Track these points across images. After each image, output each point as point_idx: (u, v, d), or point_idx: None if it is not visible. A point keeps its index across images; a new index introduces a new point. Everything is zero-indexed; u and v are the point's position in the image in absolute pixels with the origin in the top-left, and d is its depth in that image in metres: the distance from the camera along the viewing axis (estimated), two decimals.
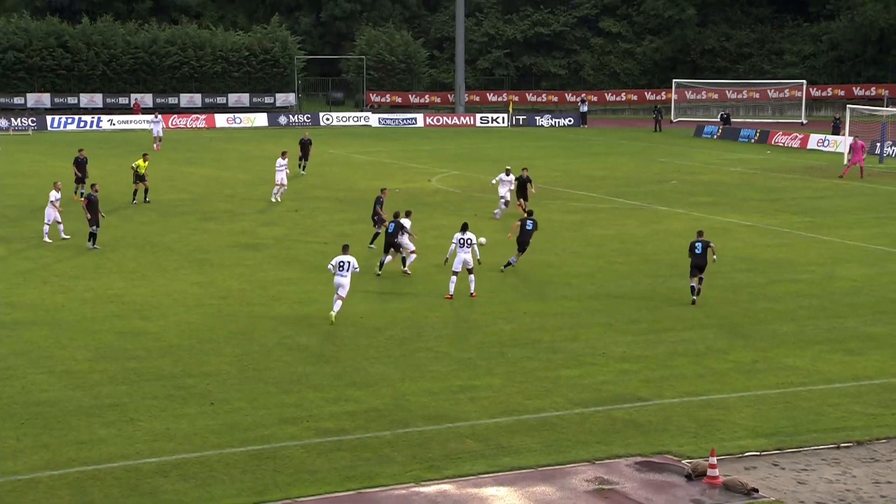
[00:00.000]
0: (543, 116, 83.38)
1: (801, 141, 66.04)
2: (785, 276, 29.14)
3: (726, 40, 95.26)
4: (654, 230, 36.04)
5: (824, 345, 22.59)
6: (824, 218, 38.75)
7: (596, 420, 18.17)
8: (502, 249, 30.61)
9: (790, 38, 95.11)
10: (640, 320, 24.64)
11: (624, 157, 58.97)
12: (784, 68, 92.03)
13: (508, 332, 23.55)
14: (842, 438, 17.27)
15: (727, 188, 46.50)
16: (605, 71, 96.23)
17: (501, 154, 60.98)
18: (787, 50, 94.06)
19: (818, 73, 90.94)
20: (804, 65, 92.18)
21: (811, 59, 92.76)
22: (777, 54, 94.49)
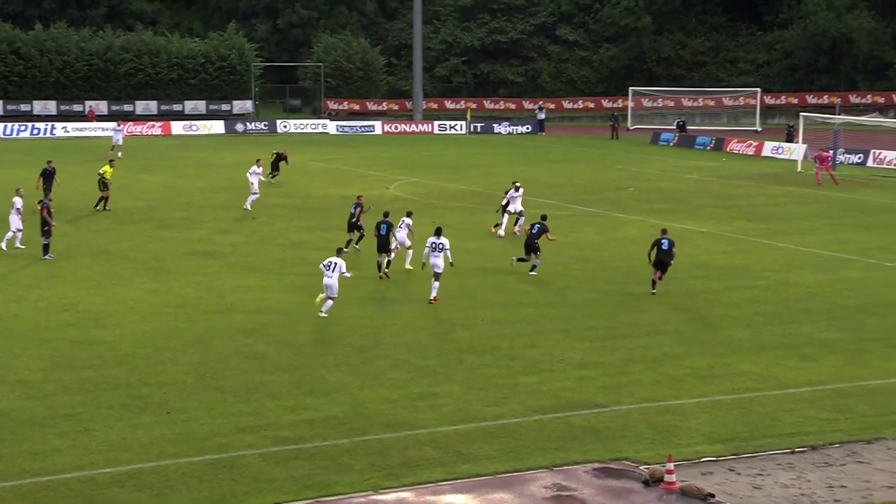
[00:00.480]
0: (501, 124, 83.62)
1: (756, 148, 66.73)
2: (740, 283, 29.42)
3: (682, 48, 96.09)
4: (612, 237, 36.27)
5: (779, 350, 22.83)
6: (779, 225, 39.17)
7: (554, 426, 18.24)
8: (470, 256, 30.63)
9: (744, 46, 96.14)
10: (597, 327, 24.77)
11: (581, 165, 59.29)
12: (739, 76, 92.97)
13: (467, 340, 23.58)
14: (796, 443, 17.45)
15: (683, 195, 46.86)
16: (563, 78, 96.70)
17: (459, 161, 61.08)
18: (742, 58, 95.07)
19: (772, 82, 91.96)
20: (758, 73, 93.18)
21: (765, 68, 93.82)
22: (732, 62, 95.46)
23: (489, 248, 34.34)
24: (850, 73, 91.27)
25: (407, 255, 30.87)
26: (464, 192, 47.06)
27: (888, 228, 38.45)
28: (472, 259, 32.70)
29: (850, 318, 25.49)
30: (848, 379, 20.82)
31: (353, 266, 30.15)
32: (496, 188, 48.84)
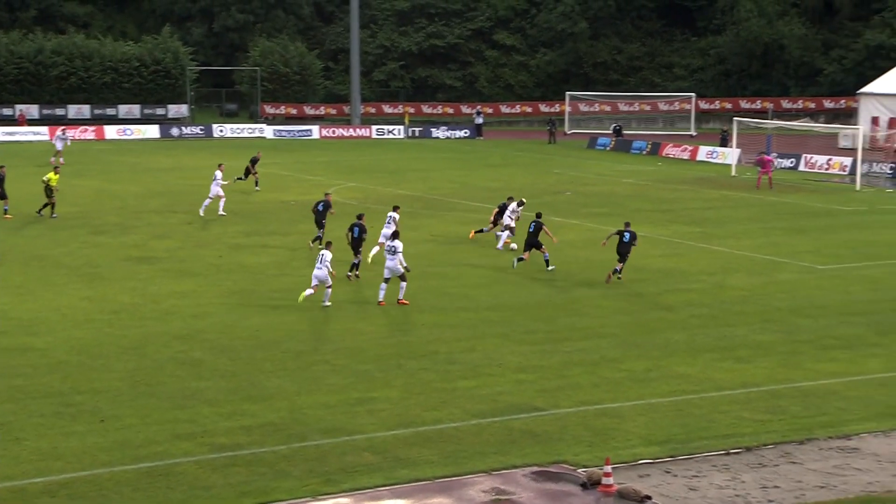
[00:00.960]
0: (439, 128, 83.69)
1: (691, 153, 67.52)
2: (677, 286, 29.73)
3: (618, 53, 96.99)
4: (549, 241, 36.40)
5: (715, 353, 23.10)
6: (714, 228, 39.65)
7: (493, 430, 18.27)
8: (409, 260, 30.57)
9: (679, 52, 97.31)
10: (535, 331, 24.88)
11: (519, 169, 59.54)
12: (674, 81, 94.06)
13: (406, 344, 23.55)
14: (731, 445, 17.67)
15: (620, 199, 47.24)
16: (500, 83, 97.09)
17: (398, 166, 61.04)
18: (677, 63, 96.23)
19: (706, 87, 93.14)
20: (693, 78, 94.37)
21: (700, 73, 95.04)
22: (667, 67, 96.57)
23: (428, 253, 34.34)
24: (782, 79, 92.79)
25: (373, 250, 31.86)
26: (402, 196, 47.00)
27: (819, 232, 39.12)
28: (411, 263, 32.64)
29: (784, 321, 25.88)
30: (781, 380, 21.13)
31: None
32: (435, 192, 48.90)
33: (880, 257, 33.92)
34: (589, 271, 31.64)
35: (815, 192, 50.72)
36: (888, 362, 22.37)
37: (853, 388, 20.65)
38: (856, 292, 28.99)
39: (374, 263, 30.76)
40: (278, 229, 38.43)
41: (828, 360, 22.59)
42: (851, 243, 36.52)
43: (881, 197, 49.54)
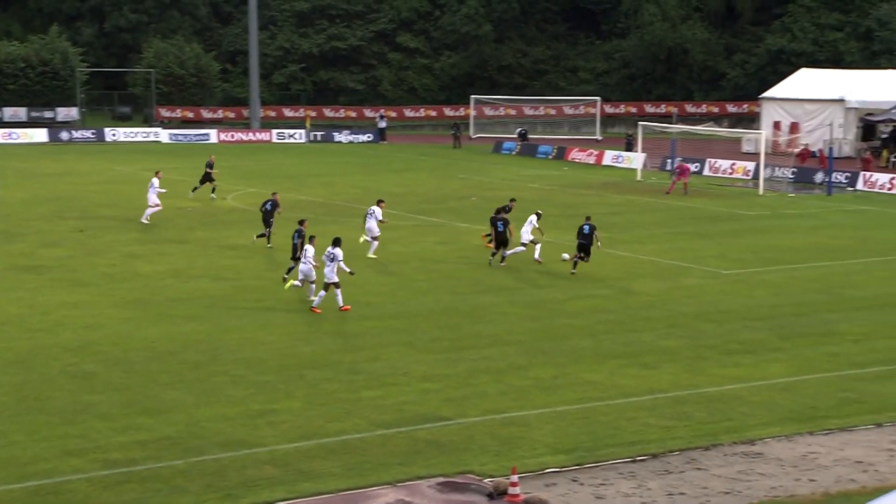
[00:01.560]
0: (342, 132, 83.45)
1: (597, 157, 68.41)
2: (583, 292, 30.08)
3: (523, 57, 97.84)
4: (455, 247, 36.59)
5: (622, 359, 23.42)
6: (620, 233, 40.21)
7: (398, 441, 18.27)
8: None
9: (584, 55, 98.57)
10: (441, 338, 24.94)
11: (424, 174, 59.67)
12: (579, 85, 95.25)
13: (308, 354, 23.41)
14: (638, 452, 17.92)
15: (526, 204, 47.56)
16: (404, 86, 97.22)
17: (299, 171, 60.68)
18: (582, 67, 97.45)
19: (611, 91, 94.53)
20: (598, 82, 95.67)
21: (604, 77, 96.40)
22: (572, 71, 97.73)
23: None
24: (686, 83, 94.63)
25: (371, 245, 34.12)
26: (304, 202, 46.76)
27: (723, 236, 39.94)
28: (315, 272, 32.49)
29: (689, 326, 26.36)
30: (687, 386, 21.51)
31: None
32: (337, 198, 48.72)
33: (782, 262, 34.77)
34: (495, 277, 31.84)
35: (719, 196, 51.78)
36: (790, 367, 22.94)
37: (757, 392, 21.12)
38: (759, 297, 29.67)
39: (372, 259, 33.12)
40: (175, 236, 37.89)
41: (732, 365, 23.07)
42: (754, 248, 37.37)
43: (783, 202, 50.80)
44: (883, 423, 19.33)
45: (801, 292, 30.28)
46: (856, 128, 68.63)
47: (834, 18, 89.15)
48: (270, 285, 29.98)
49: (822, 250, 37.04)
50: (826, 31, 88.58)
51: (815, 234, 40.46)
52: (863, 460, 17.54)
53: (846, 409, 20.16)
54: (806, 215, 45.67)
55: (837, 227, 42.53)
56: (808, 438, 18.58)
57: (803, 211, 47.02)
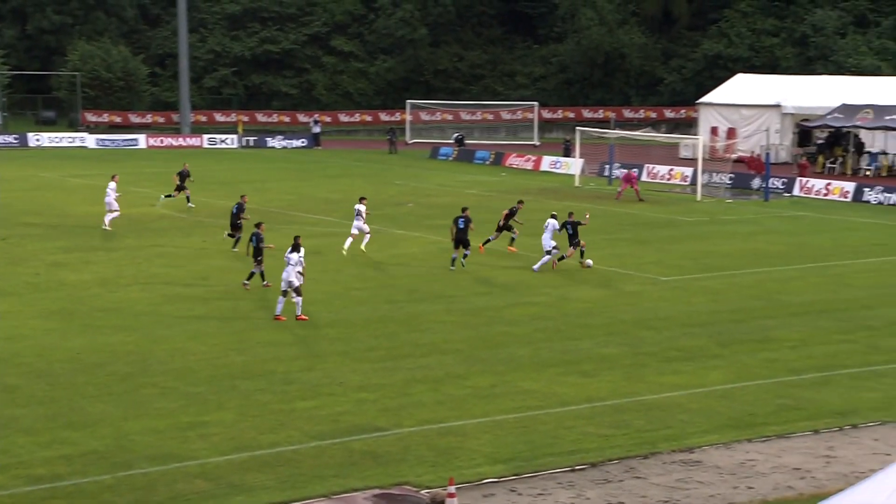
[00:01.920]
0: (275, 137, 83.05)
1: (535, 163, 68.77)
2: (522, 299, 30.19)
3: (459, 61, 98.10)
4: (391, 254, 36.56)
5: (560, 367, 23.54)
6: (558, 240, 40.39)
7: (333, 453, 18.18)
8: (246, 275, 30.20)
9: (521, 59, 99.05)
10: (377, 348, 24.88)
11: (359, 180, 59.55)
12: (516, 90, 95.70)
13: (240, 364, 23.23)
14: (576, 461, 18.02)
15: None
16: (338, 91, 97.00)
17: (231, 177, 60.27)
18: (519, 72, 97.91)
19: (549, 96, 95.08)
20: (535, 87, 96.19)
21: (542, 81, 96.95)
22: (509, 76, 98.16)
23: (268, 268, 33.97)
24: (624, 88, 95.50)
25: (364, 239, 35.90)
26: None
27: (662, 242, 40.34)
28: (245, 279, 32.29)
29: (628, 333, 26.57)
30: (626, 394, 21.67)
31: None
32: (271, 205, 48.43)
33: (720, 268, 35.20)
34: (432, 285, 31.85)
35: (658, 202, 52.29)
36: (729, 374, 23.21)
37: (696, 400, 21.34)
38: (697, 303, 30.00)
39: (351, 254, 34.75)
40: (102, 245, 37.42)
41: (671, 372, 23.28)
42: (693, 254, 37.79)
43: (721, 207, 51.43)
44: (820, 430, 19.63)
45: (739, 298, 30.68)
46: (792, 133, 69.73)
47: (770, 24, 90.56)
48: (202, 293, 29.72)
49: (759, 256, 37.56)
50: (762, 36, 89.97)
51: (753, 240, 41.02)
52: (800, 467, 17.80)
53: (784, 415, 20.45)
54: (743, 221, 46.29)
55: (774, 232, 43.15)
56: (747, 445, 18.81)
57: (741, 217, 47.65)
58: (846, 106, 63.49)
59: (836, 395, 21.67)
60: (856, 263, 36.22)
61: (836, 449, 18.60)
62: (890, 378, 22.88)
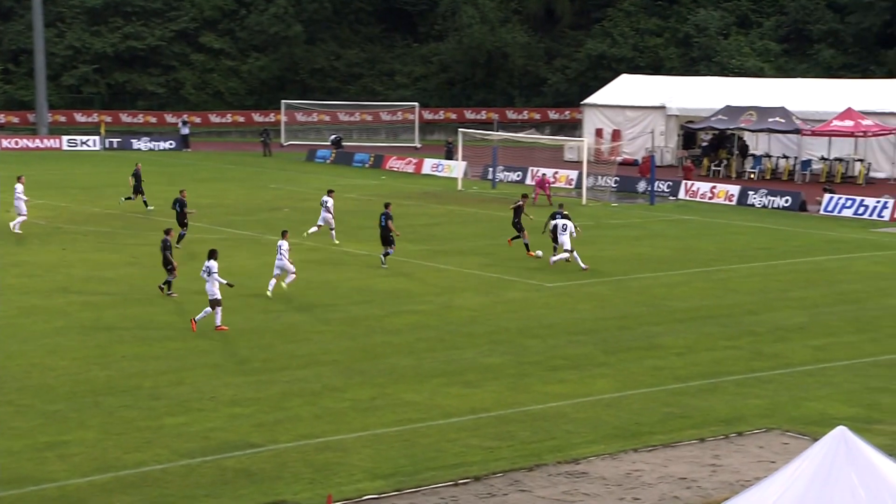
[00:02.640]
0: (141, 139, 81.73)
1: (416, 166, 68.96)
2: (403, 308, 30.23)
3: (336, 59, 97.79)
4: (266, 262, 36.17)
5: (443, 378, 23.63)
6: (441, 245, 40.63)
7: (204, 471, 17.94)
8: (106, 285, 29.55)
9: (401, 58, 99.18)
10: (251, 360, 24.64)
11: (232, 184, 58.96)
12: (396, 90, 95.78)
13: (104, 379, 22.77)
14: (460, 475, 18.10)
15: (341, 216, 47.53)
16: (208, 90, 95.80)
17: (93, 181, 59.10)
18: (399, 71, 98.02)
19: (430, 96, 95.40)
20: (416, 87, 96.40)
21: (423, 81, 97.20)
22: (389, 75, 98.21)
23: (130, 277, 33.39)
24: (507, 89, 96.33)
25: (331, 234, 39.77)
26: (99, 215, 45.54)
27: (546, 247, 40.75)
28: (110, 289, 31.70)
29: (512, 342, 26.80)
30: (510, 405, 21.86)
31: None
32: (137, 210, 47.60)
33: (606, 274, 35.77)
34: (309, 294, 31.69)
35: (543, 206, 52.88)
36: (615, 382, 23.59)
37: (581, 409, 21.64)
38: (583, 310, 30.43)
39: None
40: None
41: (556, 381, 23.57)
42: None
43: (606, 211, 52.28)
44: (706, 438, 20.08)
45: (625, 305, 31.21)
46: (677, 135, 71.18)
47: (653, 24, 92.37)
48: (62, 305, 29.05)
49: (645, 261, 38.27)
50: (646, 36, 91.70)
51: (639, 245, 41.79)
52: (686, 476, 18.18)
53: (670, 424, 20.86)
54: (629, 225, 47.11)
55: (660, 237, 44.02)
56: (633, 455, 19.13)
57: (626, 221, 48.48)
58: (730, 108, 65.13)
59: (722, 403, 22.20)
60: (741, 268, 37.19)
61: (721, 457, 19.06)
62: (774, 384, 23.54)
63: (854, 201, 51.25)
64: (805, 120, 62.94)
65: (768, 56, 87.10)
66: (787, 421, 21.03)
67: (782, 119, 62.76)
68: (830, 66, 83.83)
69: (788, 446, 19.46)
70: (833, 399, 22.52)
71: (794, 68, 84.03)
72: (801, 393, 22.91)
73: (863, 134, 60.58)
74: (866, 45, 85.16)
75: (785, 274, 36.15)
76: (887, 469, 10.92)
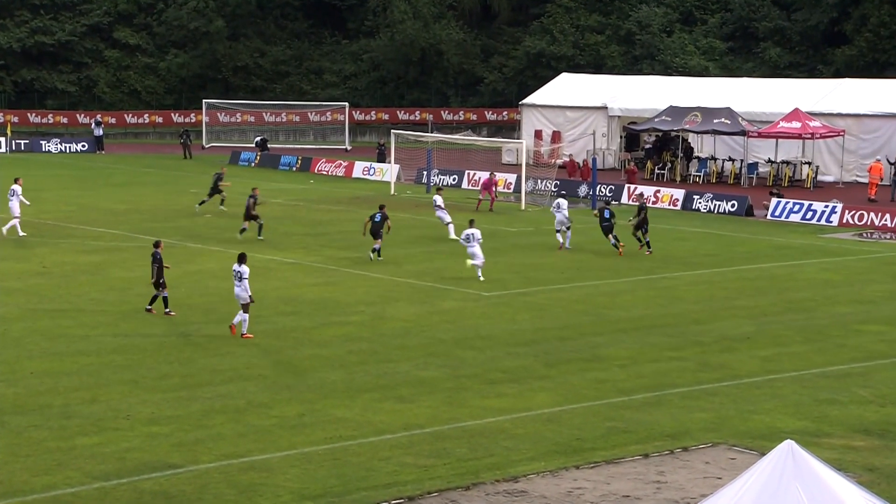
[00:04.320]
0: (51, 140, 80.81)
1: (346, 169, 68.86)
2: (333, 319, 30.17)
3: (261, 57, 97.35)
4: (187, 271, 35.99)
5: (375, 392, 23.60)
6: None
7: (119, 494, 17.78)
8: (14, 297, 29.10)
9: (330, 56, 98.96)
10: (171, 375, 24.45)
11: (150, 188, 58.49)
12: (325, 89, 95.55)
13: (10, 397, 22.47)
14: (393, 495, 18.10)
15: (268, 222, 47.37)
16: (124, 88, 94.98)
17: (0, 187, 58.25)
18: (328, 69, 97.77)
19: (361, 95, 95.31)
20: (346, 86, 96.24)
21: (353, 80, 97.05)
22: (317, 74, 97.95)
23: (39, 288, 32.97)
24: (442, 88, 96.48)
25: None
26: (4, 220, 44.93)
27: (484, 255, 40.83)
28: (17, 300, 31.29)
29: (448, 354, 26.85)
30: (446, 420, 21.89)
31: None
32: (47, 216, 47.05)
33: (546, 282, 35.95)
34: (232, 304, 31.52)
35: (480, 212, 53.03)
36: (556, 396, 23.70)
37: (521, 424, 21.73)
38: (522, 321, 30.56)
39: None
40: None
41: (494, 395, 23.64)
42: (517, 267, 38.49)
43: (546, 217, 52.47)
44: (650, 454, 20.24)
45: (566, 314, 31.40)
46: (619, 137, 71.73)
47: (594, 20, 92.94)
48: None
49: (586, 269, 38.54)
50: (586, 33, 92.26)
51: (580, 252, 42.05)
52: (630, 494, 18.32)
53: (613, 439, 21.01)
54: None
55: (602, 243, 44.29)
56: (574, 473, 19.24)
57: None
58: (674, 108, 65.69)
59: (667, 417, 22.40)
60: (686, 275, 37.57)
61: (666, 474, 19.23)
62: (720, 397, 23.80)
63: (802, 206, 52.00)
64: (751, 121, 63.73)
65: (713, 54, 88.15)
66: (733, 435, 21.27)
67: (728, 120, 63.45)
68: (777, 64, 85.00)
69: (735, 461, 19.68)
70: (781, 412, 22.83)
71: (740, 67, 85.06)
72: (749, 406, 23.19)
73: (810, 136, 61.45)
74: (813, 44, 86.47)
75: (732, 281, 36.59)
76: (835, 484, 11.09)
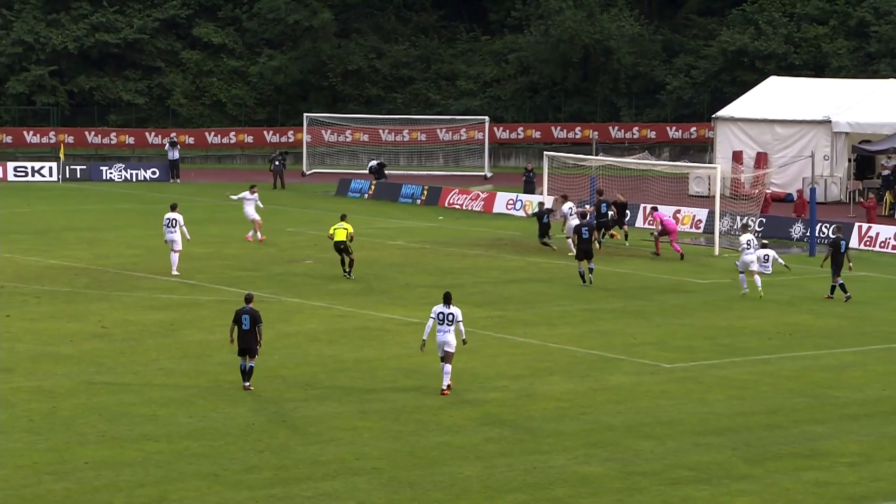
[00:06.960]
0: (113, 166, 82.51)
1: (486, 202, 68.96)
2: (467, 396, 30.16)
3: (377, 58, 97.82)
4: (282, 333, 36.37)
5: (522, 493, 23.51)
6: (518, 311, 40.48)
7: None
8: None
9: (465, 56, 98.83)
10: (261, 467, 24.72)
11: (234, 226, 59.14)
12: (459, 99, 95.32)
13: (60, 494, 22.96)
14: None
15: (384, 269, 47.73)
16: (205, 100, 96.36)
17: (49, 223, 59.90)
18: (463, 74, 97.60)
19: (505, 108, 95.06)
20: (486, 95, 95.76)
21: (495, 88, 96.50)
22: (448, 79, 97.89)
23: (96, 353, 33.66)
24: (611, 97, 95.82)
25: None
26: (56, 269, 46.05)
27: (665, 315, 40.43)
28: (69, 369, 31.95)
29: (617, 444, 26.59)
30: None
31: None
32: (106, 263, 48.03)
33: (747, 351, 35.48)
34: (339, 376, 31.77)
35: (659, 258, 52.62)
36: (762, 501, 23.34)
37: None
38: (715, 402, 30.17)
39: None
40: None
41: (679, 500, 23.38)
42: (709, 331, 38.03)
43: None
44: None
45: (774, 394, 30.92)
46: (847, 161, 70.41)
47: (814, 7, 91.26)
48: (5, 392, 29.40)
49: (803, 334, 37.92)
50: (803, 24, 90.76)
51: (794, 311, 41.41)
52: None
53: None
54: (780, 284, 46.60)
55: (823, 300, 43.60)
56: None
57: (776, 278, 47.98)
58: None
59: None
60: None
61: None
62: None
63: None
64: None
65: None
66: None
67: None
68: None
69: None
70: None
71: None
72: None
73: None
74: None
75: None
76: None
